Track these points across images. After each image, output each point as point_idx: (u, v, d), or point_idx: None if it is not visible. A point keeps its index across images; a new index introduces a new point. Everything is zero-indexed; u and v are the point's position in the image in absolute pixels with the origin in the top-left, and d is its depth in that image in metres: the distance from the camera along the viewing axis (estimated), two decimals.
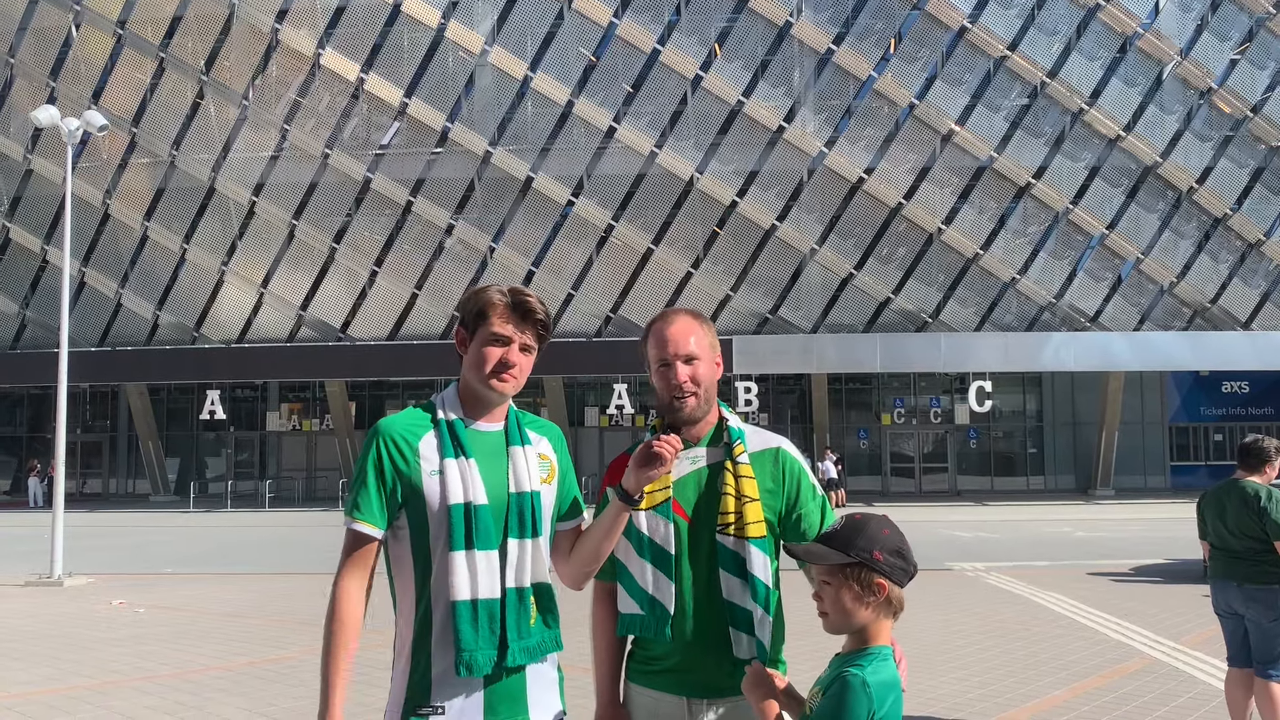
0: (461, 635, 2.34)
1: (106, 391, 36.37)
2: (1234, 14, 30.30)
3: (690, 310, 2.70)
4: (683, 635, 2.53)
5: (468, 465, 2.40)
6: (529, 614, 2.43)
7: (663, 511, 2.56)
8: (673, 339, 2.59)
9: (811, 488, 2.63)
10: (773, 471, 2.61)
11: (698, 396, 2.58)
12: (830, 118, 30.42)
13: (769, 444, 2.65)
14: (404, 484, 2.40)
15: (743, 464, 2.56)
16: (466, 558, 2.36)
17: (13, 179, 32.24)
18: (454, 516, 2.37)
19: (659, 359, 2.60)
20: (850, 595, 2.21)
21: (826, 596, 2.25)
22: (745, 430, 2.65)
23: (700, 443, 2.63)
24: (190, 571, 15.24)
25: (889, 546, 2.21)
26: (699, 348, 2.59)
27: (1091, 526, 21.80)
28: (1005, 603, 11.19)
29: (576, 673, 2.67)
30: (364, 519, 2.38)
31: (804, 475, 2.63)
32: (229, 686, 7.47)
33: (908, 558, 2.24)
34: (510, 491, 2.44)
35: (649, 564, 2.56)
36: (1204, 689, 7.02)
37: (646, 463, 2.41)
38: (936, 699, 6.84)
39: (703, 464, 2.61)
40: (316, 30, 30.76)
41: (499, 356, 2.45)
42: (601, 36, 30.29)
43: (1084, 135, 30.08)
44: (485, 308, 2.47)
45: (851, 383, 34.74)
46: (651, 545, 2.56)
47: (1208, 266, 30.45)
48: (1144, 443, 34.12)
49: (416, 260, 31.03)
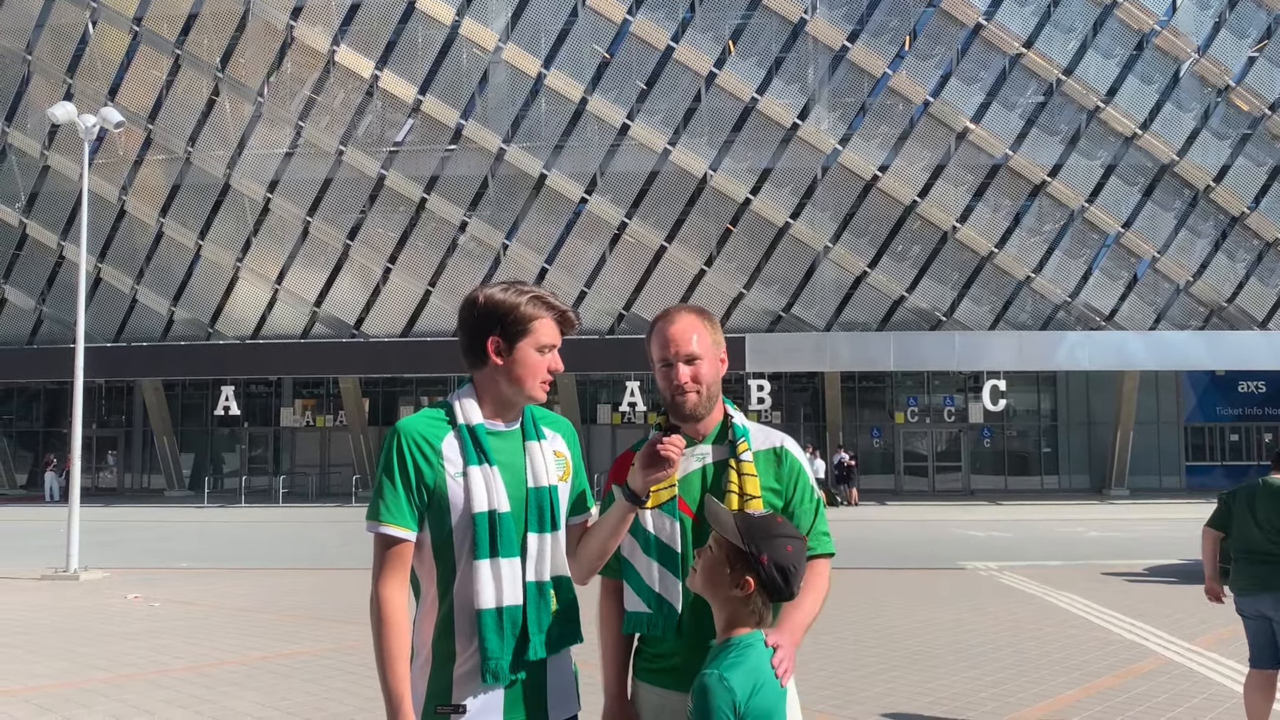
0: (488, 644, 2.35)
1: (122, 387, 36.54)
2: (1252, 11, 30.08)
3: (694, 307, 2.71)
4: (688, 633, 2.53)
5: (491, 472, 2.41)
6: (549, 607, 2.45)
7: (669, 510, 2.57)
8: (674, 339, 2.60)
9: (809, 488, 2.64)
10: (776, 470, 2.62)
11: (699, 395, 2.59)
12: (844, 115, 30.34)
13: (772, 442, 2.66)
14: (428, 485, 2.39)
15: (746, 461, 2.57)
16: (491, 566, 2.37)
17: (30, 175, 32.43)
18: (479, 525, 2.37)
19: (661, 358, 2.62)
20: (721, 572, 2.25)
21: (704, 559, 2.29)
22: (750, 428, 2.66)
23: (705, 440, 2.64)
24: (204, 566, 15.32)
25: (780, 560, 2.22)
26: (701, 346, 2.59)
27: (1106, 526, 21.70)
28: (1018, 602, 11.15)
29: (590, 670, 2.68)
30: (394, 521, 2.36)
31: (803, 475, 2.65)
32: (243, 680, 7.51)
33: (790, 582, 2.24)
34: (529, 487, 2.46)
35: (655, 562, 2.57)
36: (1218, 690, 6.98)
37: (652, 464, 2.42)
38: (948, 697, 6.83)
39: (708, 461, 2.62)
40: (331, 27, 30.84)
41: (547, 366, 2.48)
42: (615, 33, 30.28)
43: (1100, 133, 29.93)
44: (532, 319, 2.46)
45: (865, 381, 34.65)
46: (658, 543, 2.57)
47: (1224, 265, 30.26)
48: (1159, 442, 33.92)
49: (430, 257, 31.11)
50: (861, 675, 7.46)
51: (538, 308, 2.46)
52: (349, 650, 8.45)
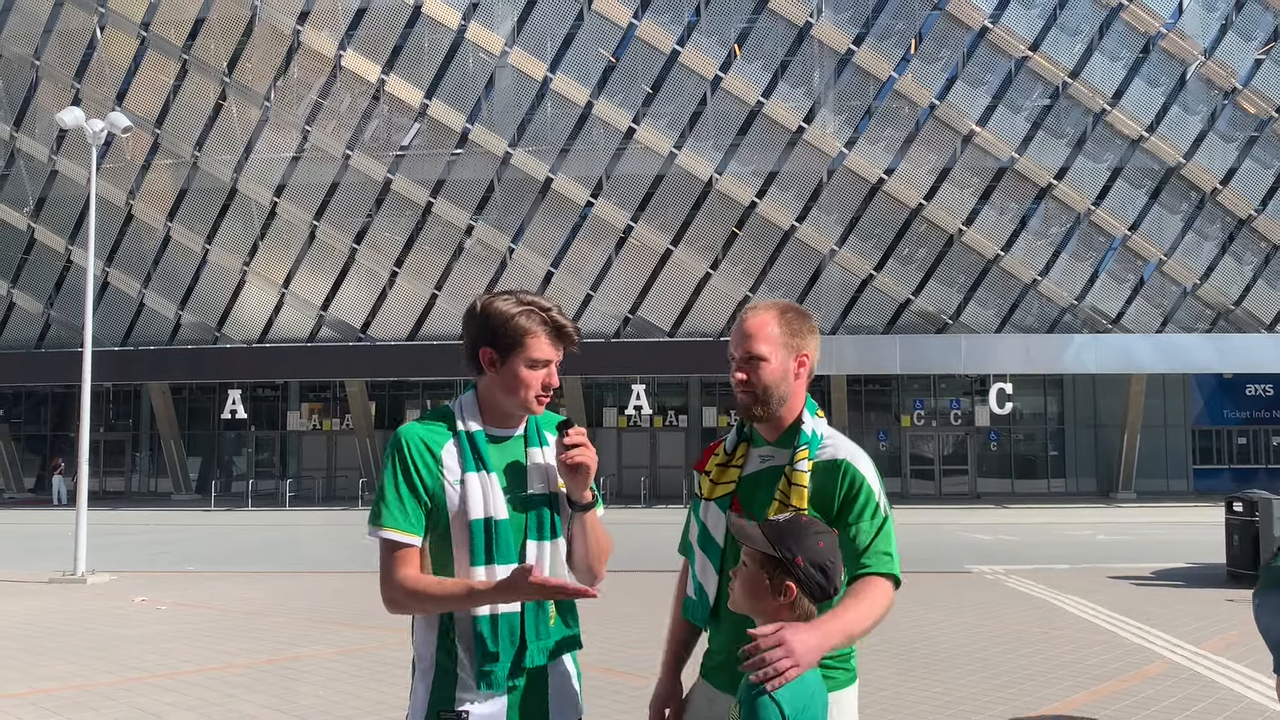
0: (483, 652, 2.35)
1: (129, 390, 36.65)
2: (1258, 13, 30.03)
3: (777, 304, 2.61)
4: (730, 631, 2.51)
5: (489, 479, 2.40)
6: (548, 614, 2.44)
7: (722, 503, 2.58)
8: (735, 337, 2.57)
9: (874, 506, 2.46)
10: (828, 483, 2.49)
11: (753, 397, 2.53)
12: (850, 118, 30.33)
13: (837, 455, 2.53)
14: (429, 491, 2.39)
15: (799, 471, 2.48)
16: (487, 573, 2.36)
17: (38, 180, 32.56)
18: (474, 531, 2.37)
19: (729, 355, 2.59)
20: (760, 585, 2.21)
21: (741, 576, 2.25)
22: (824, 436, 2.56)
23: (774, 442, 2.60)
24: (211, 569, 15.34)
25: (815, 559, 2.18)
26: (767, 346, 2.52)
27: (1113, 530, 21.65)
28: (1025, 606, 11.13)
29: (595, 673, 2.68)
30: (396, 525, 2.35)
31: (865, 490, 2.47)
32: (250, 684, 7.52)
33: (830, 577, 2.20)
34: (529, 494, 2.46)
35: (702, 552, 2.60)
36: (1225, 694, 6.96)
37: (568, 473, 2.45)
38: (955, 701, 6.83)
39: (772, 464, 2.57)
40: (338, 32, 30.93)
41: (541, 381, 2.44)
42: (621, 37, 30.32)
43: (1106, 136, 29.88)
44: (525, 334, 2.41)
45: (871, 384, 34.60)
46: (708, 535, 2.59)
47: (1231, 268, 30.20)
48: (1166, 446, 33.83)
49: (436, 261, 31.16)
50: (868, 679, 7.41)
51: (532, 321, 2.42)
52: (357, 653, 8.47)
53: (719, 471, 2.63)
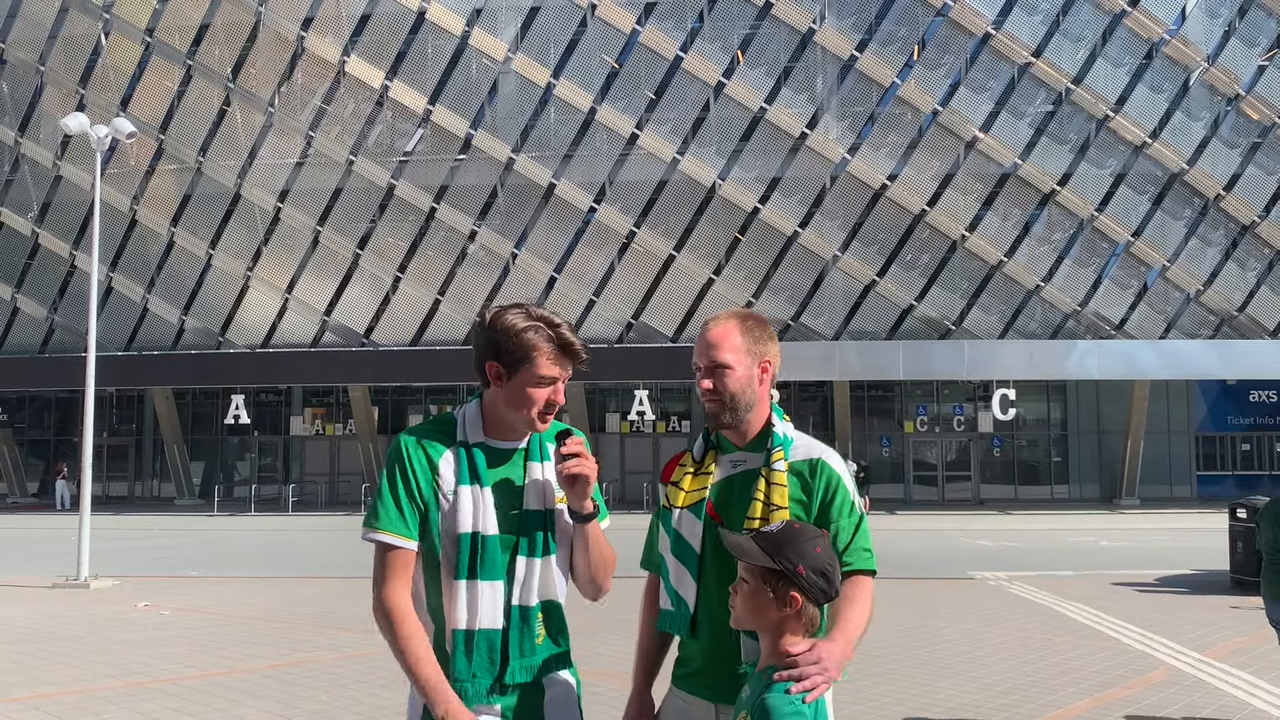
0: (456, 666, 2.35)
1: (133, 395, 36.68)
2: (1261, 20, 30.03)
3: (737, 313, 2.66)
4: (708, 638, 2.52)
5: (481, 494, 2.39)
6: (534, 633, 2.43)
7: (695, 510, 2.57)
8: (699, 347, 2.60)
9: (848, 503, 2.53)
10: (806, 482, 2.54)
11: (721, 404, 2.57)
12: (853, 124, 30.35)
13: (811, 454, 2.58)
14: (424, 499, 2.39)
15: (778, 471, 2.52)
16: (469, 587, 2.36)
17: (42, 185, 32.63)
18: (461, 545, 2.36)
19: (694, 365, 2.62)
20: (763, 599, 2.20)
21: (741, 592, 2.24)
22: (795, 439, 2.60)
23: (744, 447, 2.62)
24: (214, 574, 15.34)
25: (815, 565, 2.19)
26: (731, 354, 2.56)
27: (1116, 536, 21.62)
28: (1028, 612, 11.12)
29: (597, 679, 2.68)
30: (390, 529, 2.35)
31: (841, 489, 2.53)
32: (253, 689, 7.52)
33: (831, 580, 2.22)
34: (524, 510, 2.44)
35: (677, 560, 2.58)
36: (1229, 701, 6.96)
37: (568, 485, 2.44)
38: (959, 708, 6.82)
39: (745, 468, 2.59)
40: (341, 38, 30.99)
41: (546, 398, 2.43)
42: (624, 43, 30.37)
43: (1109, 142, 29.88)
44: (531, 350, 2.39)
45: (874, 390, 34.58)
46: (681, 542, 2.58)
47: (1235, 274, 30.17)
48: (1170, 452, 33.79)
49: (439, 266, 31.18)
50: (871, 685, 7.43)
51: (539, 338, 2.40)
52: (359, 659, 8.47)
53: (690, 480, 2.64)
